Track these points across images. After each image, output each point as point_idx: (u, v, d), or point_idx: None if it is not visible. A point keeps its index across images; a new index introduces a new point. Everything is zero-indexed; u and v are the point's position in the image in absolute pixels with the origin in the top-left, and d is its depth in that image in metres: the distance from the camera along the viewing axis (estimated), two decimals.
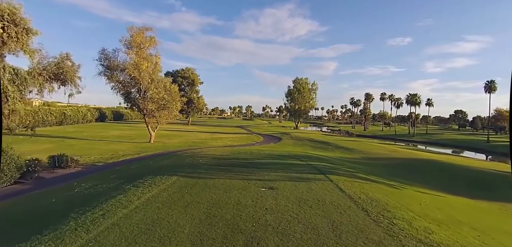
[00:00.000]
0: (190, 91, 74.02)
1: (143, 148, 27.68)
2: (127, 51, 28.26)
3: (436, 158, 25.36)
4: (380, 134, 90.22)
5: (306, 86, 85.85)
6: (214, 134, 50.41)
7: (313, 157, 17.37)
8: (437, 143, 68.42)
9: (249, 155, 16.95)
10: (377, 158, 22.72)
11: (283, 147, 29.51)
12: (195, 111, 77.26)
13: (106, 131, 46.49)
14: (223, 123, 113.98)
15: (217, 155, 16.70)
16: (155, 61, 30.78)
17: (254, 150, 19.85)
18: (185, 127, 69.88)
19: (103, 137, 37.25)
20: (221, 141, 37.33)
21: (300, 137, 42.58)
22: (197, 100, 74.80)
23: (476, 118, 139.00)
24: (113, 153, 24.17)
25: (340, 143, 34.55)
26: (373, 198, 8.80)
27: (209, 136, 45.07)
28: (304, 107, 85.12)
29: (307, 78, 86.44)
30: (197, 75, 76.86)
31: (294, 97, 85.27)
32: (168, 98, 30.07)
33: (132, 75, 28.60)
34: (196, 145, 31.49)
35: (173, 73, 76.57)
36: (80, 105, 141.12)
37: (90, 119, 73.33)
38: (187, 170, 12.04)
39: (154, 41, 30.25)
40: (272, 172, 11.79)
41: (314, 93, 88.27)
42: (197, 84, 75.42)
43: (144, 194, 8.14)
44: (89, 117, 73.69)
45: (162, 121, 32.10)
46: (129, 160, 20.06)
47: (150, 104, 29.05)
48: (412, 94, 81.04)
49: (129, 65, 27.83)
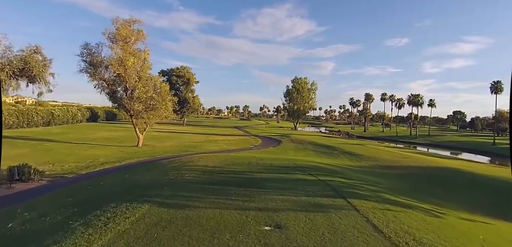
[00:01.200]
0: (185, 90, 71.15)
1: (128, 153, 24.87)
2: (111, 45, 25.42)
3: (452, 164, 22.87)
4: (381, 135, 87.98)
5: (305, 86, 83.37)
6: (209, 135, 47.63)
7: (321, 169, 14.69)
8: (440, 145, 66.16)
9: (247, 167, 14.23)
10: (391, 166, 20.12)
11: (284, 152, 26.87)
12: (190, 112, 74.36)
13: (94, 132, 43.56)
14: (220, 123, 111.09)
15: (208, 167, 13.97)
16: (143, 57, 27.95)
17: (252, 158, 17.12)
18: (180, 128, 67.01)
19: (88, 140, 34.35)
20: (216, 144, 34.59)
21: (301, 140, 39.95)
22: (193, 100, 71.92)
23: (475, 119, 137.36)
24: (92, 160, 21.34)
25: (345, 147, 31.96)
26: (422, 242, 6.16)
27: (203, 138, 42.29)
28: (303, 107, 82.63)
29: (306, 78, 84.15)
30: (192, 74, 74.01)
31: (293, 97, 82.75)
32: (157, 98, 27.23)
33: (117, 73, 25.77)
34: (188, 150, 28.73)
35: (167, 71, 73.76)
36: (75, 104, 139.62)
37: (80, 120, 70.08)
38: (167, 191, 9.30)
39: (142, 35, 27.43)
40: (276, 194, 9.11)
41: (314, 93, 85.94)
42: (193, 84, 72.57)
43: None
44: (80, 117, 70.38)
45: (151, 123, 29.25)
46: (106, 170, 17.27)
47: (136, 105, 26.23)
48: (415, 95, 78.78)
49: (113, 61, 24.99)
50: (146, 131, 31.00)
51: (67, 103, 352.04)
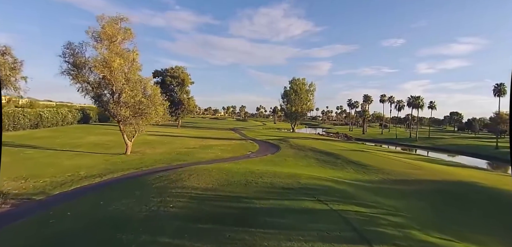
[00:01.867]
0: (180, 91, 68.86)
1: (114, 164, 22.66)
2: (95, 45, 23.15)
3: (469, 176, 21.07)
4: (380, 137, 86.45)
5: (303, 87, 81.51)
6: (204, 140, 45.46)
7: (331, 190, 12.73)
8: (442, 148, 64.74)
9: (244, 188, 12.17)
10: (403, 181, 18.19)
11: (284, 162, 24.86)
12: (186, 113, 72.07)
13: (83, 137, 41.16)
14: (216, 124, 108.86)
15: (199, 190, 11.90)
16: (132, 57, 25.68)
17: (250, 174, 15.12)
18: (174, 130, 64.68)
19: (74, 145, 32.03)
20: (211, 151, 32.46)
21: (300, 145, 37.98)
22: (188, 101, 69.62)
23: (473, 121, 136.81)
24: (72, 173, 19.14)
25: (348, 154, 30.05)
26: None
27: (198, 143, 40.12)
28: (301, 109, 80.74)
29: (304, 79, 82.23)
30: (187, 75, 71.72)
31: (291, 98, 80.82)
32: (146, 103, 24.99)
33: (102, 75, 23.55)
34: (180, 158, 26.59)
35: (162, 71, 71.47)
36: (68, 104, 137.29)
37: (71, 121, 67.45)
38: (142, 236, 7.21)
39: (130, 33, 25.18)
40: (283, 238, 7.10)
41: (312, 95, 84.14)
42: (188, 84, 70.28)
43: None
44: (70, 119, 67.67)
45: (140, 129, 27.02)
46: (83, 189, 15.07)
47: (123, 110, 23.98)
48: (415, 97, 77.27)
49: (97, 62, 22.73)
50: (136, 136, 28.73)
51: (62, 103, 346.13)
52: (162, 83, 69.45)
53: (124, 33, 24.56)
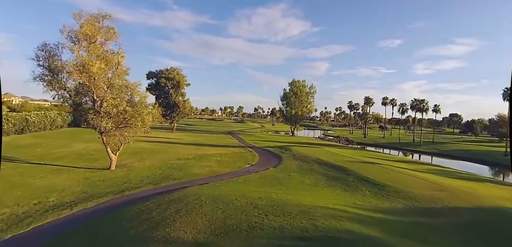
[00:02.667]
0: (175, 94, 65.69)
1: (92, 184, 19.60)
2: (72, 46, 20.04)
3: (504, 201, 18.26)
4: (382, 142, 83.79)
5: (303, 89, 78.65)
6: (199, 147, 42.40)
7: (353, 238, 9.81)
8: (449, 155, 62.11)
9: (246, 240, 9.22)
10: (435, 211, 15.29)
11: (288, 180, 21.93)
12: (181, 117, 68.91)
13: (68, 144, 37.87)
14: (213, 127, 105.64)
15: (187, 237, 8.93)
16: (116, 61, 22.59)
17: (253, 211, 12.24)
18: (169, 135, 61.55)
19: (55, 157, 28.93)
20: (206, 163, 29.44)
21: (303, 155, 35.08)
22: (183, 104, 66.44)
23: (474, 123, 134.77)
24: (41, 199, 16.13)
25: (359, 168, 27.15)
26: None
27: (192, 152, 37.10)
28: (301, 112, 77.83)
29: (304, 81, 79.35)
30: (183, 76, 68.58)
31: (291, 101, 77.90)
32: (131, 112, 21.88)
33: (80, 81, 20.45)
34: (171, 174, 23.59)
35: (156, 73, 68.31)
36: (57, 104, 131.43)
37: (60, 125, 64.07)
38: None
39: (113, 33, 22.06)
40: None
41: (312, 97, 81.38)
42: (183, 87, 67.11)
43: None
44: (59, 122, 64.22)
45: (126, 141, 23.93)
46: (39, 232, 12.01)
47: (104, 121, 20.90)
48: (419, 100, 74.52)
49: (72, 66, 19.62)
50: (123, 148, 25.64)
51: (59, 103, 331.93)
52: (156, 85, 66.38)
53: (106, 33, 21.47)
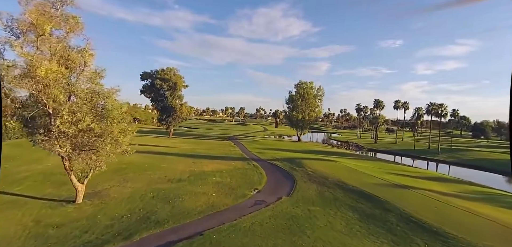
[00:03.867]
0: (171, 97, 59.95)
1: (43, 231, 13.99)
2: (13, 41, 14.35)
3: None
4: (394, 148, 77.78)
5: (311, 92, 72.70)
6: (196, 160, 36.69)
7: None
8: (474, 165, 56.12)
9: None
10: None
11: (314, 227, 16.19)
12: (178, 121, 63.14)
13: (41, 158, 32.04)
14: (213, 130, 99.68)
15: None
16: (83, 61, 16.88)
17: None
18: (164, 141, 55.91)
19: (15, 180, 23.31)
20: (202, 187, 23.71)
21: (321, 175, 29.36)
22: (180, 108, 60.67)
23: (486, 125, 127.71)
24: None
25: (395, 197, 21.37)
26: None
27: (188, 168, 31.44)
28: (308, 117, 71.81)
29: (312, 83, 73.34)
30: (180, 77, 62.87)
31: (297, 105, 71.92)
32: (99, 131, 16.10)
33: (29, 89, 14.75)
34: (154, 211, 17.86)
35: (151, 73, 62.61)
36: None
37: None
38: None
39: (76, 24, 16.38)
40: None
41: (320, 100, 75.33)
42: (180, 89, 61.33)
43: None
44: None
45: (97, 166, 18.10)
46: None
47: (59, 144, 15.19)
48: (438, 105, 68.18)
49: (5, 68, 13.90)
50: (93, 174, 19.84)
51: None
52: (151, 87, 60.73)
53: (64, 20, 15.73)
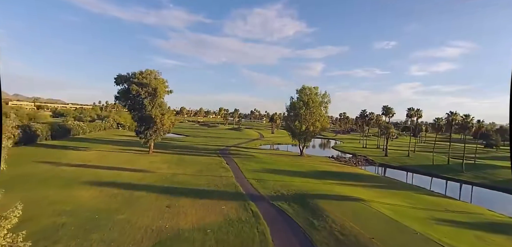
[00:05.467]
0: (150, 105, 49.46)
1: None
2: None
3: None
4: (409, 163, 68.52)
5: (316, 98, 62.88)
6: (174, 200, 26.54)
7: None
8: (507, 188, 47.15)
9: None
10: None
11: None
12: (160, 134, 52.56)
13: None
14: (203, 141, 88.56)
15: None
16: None
17: None
18: (141, 160, 45.55)
19: None
20: None
21: (356, 239, 19.60)
22: (161, 119, 50.17)
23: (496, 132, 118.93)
24: None
25: None
26: None
27: (156, 223, 21.26)
28: (313, 128, 61.93)
29: (317, 88, 63.54)
30: (162, 82, 52.50)
31: (300, 114, 62.03)
32: None
33: None
34: None
35: (127, 76, 52.02)
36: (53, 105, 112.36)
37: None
38: None
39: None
40: None
41: (326, 108, 65.59)
42: (162, 96, 50.78)
43: None
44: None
45: None
46: None
47: None
48: (464, 115, 58.84)
49: None
50: None
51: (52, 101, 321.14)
52: (127, 93, 50.13)
53: None
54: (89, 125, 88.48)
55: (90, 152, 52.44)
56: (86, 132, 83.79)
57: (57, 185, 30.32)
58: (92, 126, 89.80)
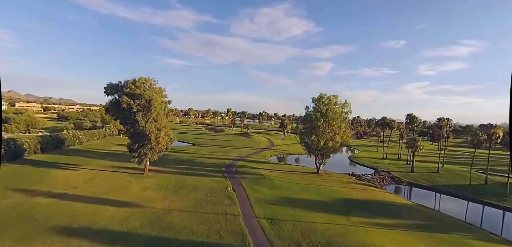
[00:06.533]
0: (144, 119, 42.44)
1: None
2: None
3: None
4: (440, 181, 59.81)
5: (336, 109, 54.86)
6: None
7: None
8: None
9: None
10: None
11: None
12: (156, 153, 45.37)
13: None
14: (208, 151, 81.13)
15: None
16: None
17: None
18: (133, 184, 38.60)
19: None
20: None
21: None
22: (156, 135, 43.07)
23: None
24: None
25: None
26: None
27: None
28: (332, 144, 53.88)
29: (336, 97, 55.48)
30: (159, 91, 45.58)
31: (317, 126, 54.12)
32: None
33: None
34: None
35: (118, 86, 45.27)
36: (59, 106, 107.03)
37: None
38: None
39: None
40: None
41: (345, 119, 57.47)
42: (157, 109, 43.48)
43: None
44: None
45: None
46: None
47: None
48: None
49: None
50: None
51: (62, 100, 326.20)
52: (117, 106, 43.25)
53: None
54: (87, 134, 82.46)
55: (77, 171, 45.86)
56: (82, 142, 77.75)
57: (15, 233, 23.62)
58: (90, 135, 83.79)
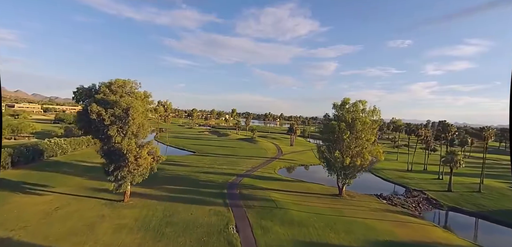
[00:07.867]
0: (120, 135, 32.46)
1: None
2: None
3: None
4: (488, 206, 48.64)
5: (363, 118, 44.16)
6: None
7: None
8: None
9: None
10: None
11: None
12: (135, 176, 35.12)
13: None
14: (209, 162, 70.69)
15: None
16: None
17: None
18: (109, 218, 28.65)
19: None
20: None
21: None
22: (136, 155, 33.07)
23: None
24: None
25: None
26: None
27: None
28: (361, 161, 43.11)
29: (365, 102, 44.77)
30: (141, 96, 35.56)
31: (340, 138, 43.62)
32: None
33: None
34: None
35: (91, 90, 35.37)
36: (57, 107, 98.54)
37: None
38: None
39: None
40: None
41: (374, 131, 46.61)
42: (137, 121, 33.34)
43: None
44: None
45: None
46: None
47: None
48: None
49: None
50: None
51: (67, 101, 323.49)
52: (85, 116, 33.28)
53: None
54: (73, 141, 73.16)
55: (42, 197, 36.25)
56: (67, 151, 68.46)
57: None
58: (76, 142, 74.49)
